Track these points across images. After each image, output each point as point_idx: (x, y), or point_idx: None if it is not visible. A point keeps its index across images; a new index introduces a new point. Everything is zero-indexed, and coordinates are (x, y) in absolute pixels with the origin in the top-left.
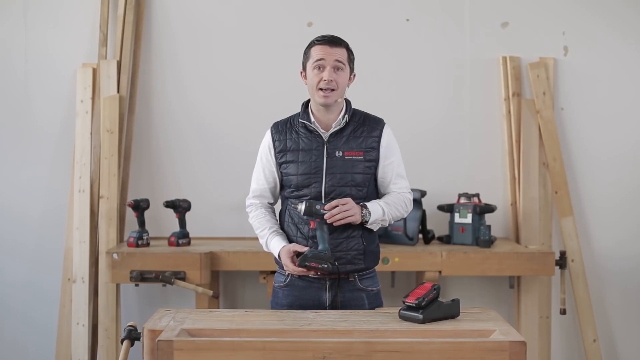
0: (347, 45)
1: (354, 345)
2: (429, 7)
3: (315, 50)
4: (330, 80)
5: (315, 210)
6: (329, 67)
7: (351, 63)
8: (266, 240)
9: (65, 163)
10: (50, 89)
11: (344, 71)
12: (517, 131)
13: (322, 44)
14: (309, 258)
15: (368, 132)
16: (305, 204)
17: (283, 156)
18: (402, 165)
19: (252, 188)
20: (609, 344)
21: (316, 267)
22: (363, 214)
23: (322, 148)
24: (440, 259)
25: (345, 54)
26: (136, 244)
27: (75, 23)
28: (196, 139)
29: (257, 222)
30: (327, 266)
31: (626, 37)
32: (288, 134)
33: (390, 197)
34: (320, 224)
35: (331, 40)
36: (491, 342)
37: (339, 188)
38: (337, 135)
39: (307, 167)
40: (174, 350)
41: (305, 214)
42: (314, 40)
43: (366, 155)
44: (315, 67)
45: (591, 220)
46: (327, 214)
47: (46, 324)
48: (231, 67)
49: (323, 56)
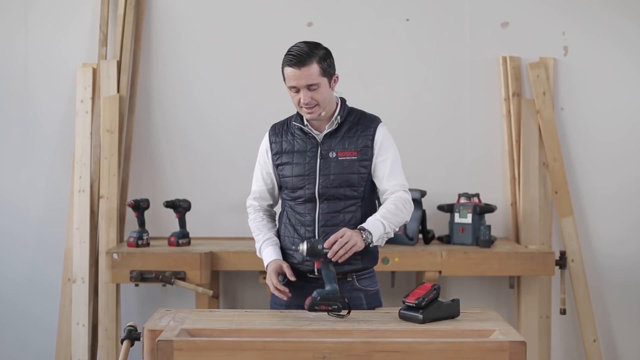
0: (319, 57)
1: (354, 345)
2: (429, 7)
3: (287, 72)
4: (308, 102)
5: (318, 250)
6: (303, 90)
7: (327, 73)
8: (260, 247)
9: (65, 163)
10: (50, 89)
11: (319, 87)
12: (517, 131)
13: (292, 67)
14: (317, 301)
15: (362, 130)
16: (307, 245)
17: (279, 158)
18: (398, 163)
19: (252, 189)
20: (609, 344)
21: (326, 309)
22: (364, 238)
23: (316, 149)
24: (440, 259)
25: (316, 69)
26: (136, 244)
27: (75, 23)
28: (196, 138)
29: (254, 226)
30: (338, 307)
31: (626, 37)
32: (284, 135)
33: (388, 206)
34: (325, 263)
35: (300, 61)
36: (491, 342)
37: (333, 189)
38: (331, 136)
39: (300, 168)
40: (174, 350)
41: (308, 254)
42: (284, 60)
43: (360, 154)
44: (290, 88)
45: (591, 220)
46: (329, 253)
47: (46, 324)
48: (231, 67)
49: (294, 82)
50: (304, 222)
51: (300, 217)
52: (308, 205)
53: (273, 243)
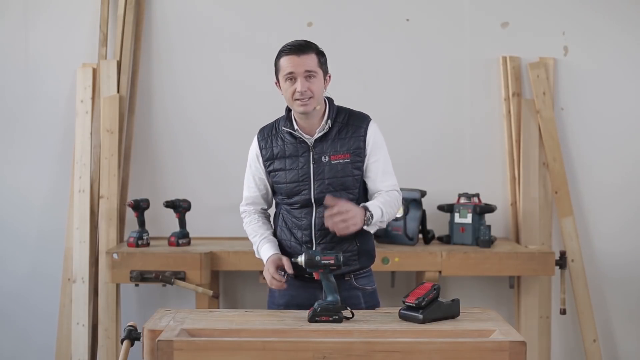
0: (316, 49)
1: (354, 345)
2: (429, 7)
3: (284, 61)
4: (304, 91)
5: (316, 262)
6: (301, 78)
7: (323, 66)
8: (257, 247)
9: (65, 163)
10: (50, 89)
11: (316, 78)
12: (517, 131)
13: (290, 54)
14: (318, 312)
15: (353, 131)
16: (305, 257)
17: (271, 164)
18: (389, 162)
19: (245, 195)
20: (609, 344)
21: (327, 320)
22: (366, 217)
23: (308, 154)
24: (440, 259)
25: (314, 59)
26: (136, 244)
27: (75, 23)
28: (196, 138)
29: (250, 229)
30: (339, 317)
31: (626, 37)
32: (274, 140)
33: (383, 197)
34: (325, 274)
35: (299, 49)
36: (491, 342)
37: (329, 194)
38: (322, 140)
39: (294, 174)
40: (174, 350)
41: (306, 266)
42: (281, 50)
43: (353, 156)
44: (286, 79)
45: (591, 220)
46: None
47: (46, 324)
48: (231, 67)
49: (292, 69)
50: (300, 226)
51: (297, 220)
52: (304, 209)
53: (270, 240)
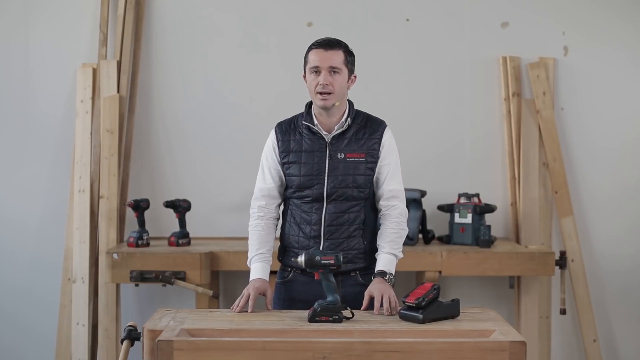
0: (345, 48)
1: (354, 345)
2: (429, 7)
3: (312, 55)
4: (326, 84)
5: (316, 262)
6: (324, 72)
7: (350, 65)
8: (250, 260)
9: (65, 163)
10: (50, 89)
11: (340, 74)
12: (517, 131)
13: (318, 48)
14: (318, 312)
15: (370, 134)
16: (304, 257)
17: (286, 157)
18: (398, 168)
19: (259, 187)
20: (609, 344)
21: (327, 320)
22: (388, 280)
23: (325, 150)
24: (440, 259)
25: (341, 56)
26: (136, 244)
27: (75, 23)
28: (196, 138)
29: (252, 235)
30: (339, 317)
31: (626, 37)
32: (292, 134)
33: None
34: (325, 274)
35: (327, 44)
36: (491, 342)
37: (341, 189)
38: (339, 138)
39: (309, 168)
40: (174, 350)
41: (306, 266)
42: (311, 45)
43: (368, 157)
44: (312, 71)
45: (591, 220)
46: (384, 312)
47: (46, 324)
48: (231, 67)
49: (318, 62)
50: (309, 221)
51: (306, 215)
52: (315, 204)
53: (264, 260)
